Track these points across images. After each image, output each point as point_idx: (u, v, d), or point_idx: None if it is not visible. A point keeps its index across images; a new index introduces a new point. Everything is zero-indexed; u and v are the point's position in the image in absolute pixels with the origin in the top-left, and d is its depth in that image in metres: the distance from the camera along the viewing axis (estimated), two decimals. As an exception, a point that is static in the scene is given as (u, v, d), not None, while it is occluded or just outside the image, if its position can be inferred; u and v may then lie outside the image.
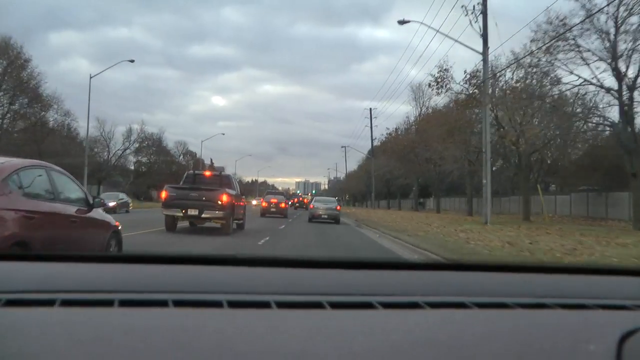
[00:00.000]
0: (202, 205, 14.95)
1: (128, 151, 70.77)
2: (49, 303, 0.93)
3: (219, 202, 14.94)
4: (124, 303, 0.95)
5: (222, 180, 17.28)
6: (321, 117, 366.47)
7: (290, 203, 72.38)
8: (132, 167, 77.79)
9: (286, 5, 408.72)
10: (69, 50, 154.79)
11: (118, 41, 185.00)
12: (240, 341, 0.82)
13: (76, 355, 0.75)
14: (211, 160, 22.00)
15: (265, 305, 0.98)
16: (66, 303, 0.93)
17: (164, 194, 15.60)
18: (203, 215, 15.09)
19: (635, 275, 1.46)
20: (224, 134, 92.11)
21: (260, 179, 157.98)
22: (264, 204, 33.40)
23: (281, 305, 0.98)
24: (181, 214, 15.23)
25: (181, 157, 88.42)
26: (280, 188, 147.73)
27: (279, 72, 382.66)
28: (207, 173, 18.18)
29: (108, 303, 0.94)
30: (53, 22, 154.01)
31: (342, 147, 70.18)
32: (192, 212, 15.06)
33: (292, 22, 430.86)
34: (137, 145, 72.49)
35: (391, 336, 0.87)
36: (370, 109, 65.82)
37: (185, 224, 16.94)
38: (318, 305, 1.00)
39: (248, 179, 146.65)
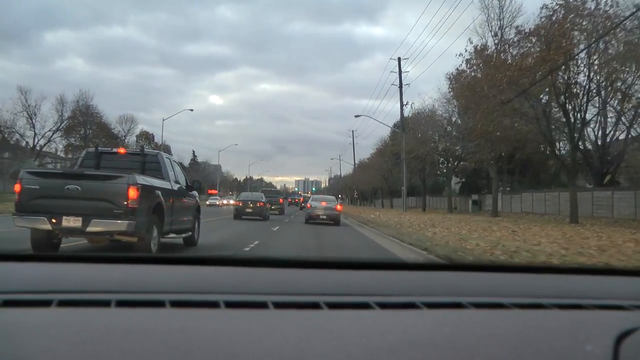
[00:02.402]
0: (90, 210, 7.57)
1: (55, 131, 53.27)
2: (46, 303, 0.92)
3: (124, 203, 7.65)
4: (121, 303, 0.94)
5: (145, 162, 9.72)
6: (319, 116, 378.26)
7: (289, 202, 63.45)
8: (62, 153, 60.17)
9: (280, 3, 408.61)
10: (65, 50, 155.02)
11: (113, 40, 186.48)
12: (238, 341, 0.82)
13: (73, 356, 0.75)
14: (193, 152, 17.23)
15: (262, 305, 0.98)
16: (63, 303, 0.93)
17: (17, 187, 7.94)
18: (90, 229, 7.62)
19: (632, 275, 1.47)
20: (192, 110, 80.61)
21: (257, 177, 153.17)
22: (239, 203, 27.16)
23: (278, 305, 0.98)
24: (49, 226, 7.60)
25: (128, 139, 65.37)
26: (278, 187, 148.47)
27: (275, 71, 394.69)
28: (122, 151, 10.90)
29: (105, 303, 0.94)
30: (48, 21, 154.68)
31: (356, 116, 50.31)
32: (70, 222, 7.53)
33: (287, 20, 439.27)
34: (68, 122, 54.00)
35: (388, 336, 0.87)
36: (399, 58, 42.49)
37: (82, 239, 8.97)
38: (315, 306, 1.00)
39: (243, 176, 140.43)
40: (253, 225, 21.01)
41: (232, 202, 55.41)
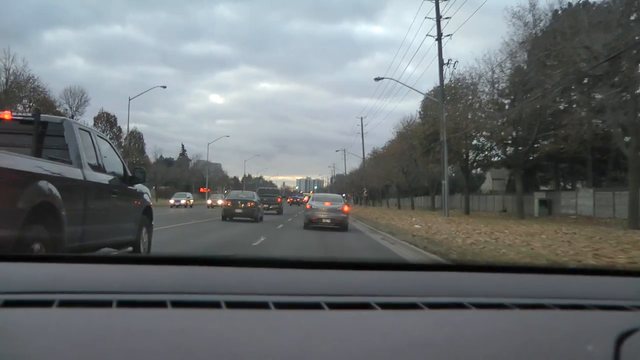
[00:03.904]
0: None
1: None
2: (47, 304, 0.92)
3: None
4: (122, 304, 0.94)
5: (42, 136, 6.24)
6: (319, 115, 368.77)
7: (290, 202, 62.12)
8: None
9: (279, 2, 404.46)
10: (65, 49, 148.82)
11: (113, 39, 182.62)
12: (239, 342, 0.82)
13: (74, 356, 0.75)
14: (183, 147, 13.88)
15: (263, 305, 0.97)
16: (64, 304, 0.93)
17: None
18: None
19: (633, 275, 1.45)
20: (165, 87, 52.35)
21: (257, 176, 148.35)
22: (228, 203, 24.43)
23: (279, 306, 0.98)
24: None
25: (78, 118, 49.01)
26: (279, 186, 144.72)
27: (275, 70, 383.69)
28: (6, 116, 6.34)
29: (106, 304, 0.94)
30: (47, 20, 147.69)
31: (376, 79, 33.77)
32: None
33: (285, 19, 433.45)
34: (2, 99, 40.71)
35: (389, 337, 0.87)
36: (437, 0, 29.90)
37: None
38: (316, 306, 0.99)
39: (243, 175, 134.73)
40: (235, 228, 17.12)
41: (183, 201, 43.76)
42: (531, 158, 32.55)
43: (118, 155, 7.80)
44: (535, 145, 30.86)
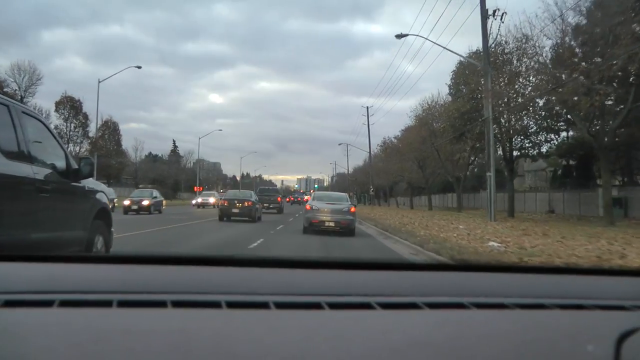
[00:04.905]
0: None
1: None
2: (48, 304, 0.92)
3: None
4: (123, 304, 0.95)
5: None
6: (319, 114, 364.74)
7: (291, 201, 61.99)
8: None
9: (277, 1, 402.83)
10: (63, 49, 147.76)
11: (111, 38, 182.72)
12: (239, 342, 0.82)
13: (75, 356, 0.75)
14: (174, 142, 10.92)
15: (263, 305, 0.98)
16: (65, 304, 0.93)
17: None
18: None
19: (633, 275, 1.45)
20: (140, 67, 39.89)
21: (255, 174, 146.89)
22: (224, 202, 23.64)
23: (280, 305, 0.98)
24: None
25: (30, 100, 44.18)
26: (278, 185, 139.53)
27: (274, 69, 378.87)
28: None
29: (106, 304, 0.94)
30: (45, 20, 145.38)
31: (398, 36, 24.53)
32: None
33: (284, 18, 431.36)
34: None
35: (389, 337, 0.88)
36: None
37: None
38: (316, 306, 1.00)
39: (243, 174, 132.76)
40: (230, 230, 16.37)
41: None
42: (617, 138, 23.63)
43: (58, 141, 6.05)
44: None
